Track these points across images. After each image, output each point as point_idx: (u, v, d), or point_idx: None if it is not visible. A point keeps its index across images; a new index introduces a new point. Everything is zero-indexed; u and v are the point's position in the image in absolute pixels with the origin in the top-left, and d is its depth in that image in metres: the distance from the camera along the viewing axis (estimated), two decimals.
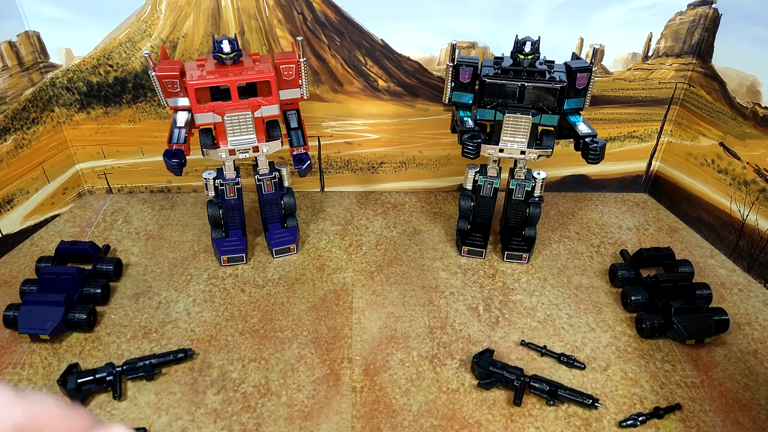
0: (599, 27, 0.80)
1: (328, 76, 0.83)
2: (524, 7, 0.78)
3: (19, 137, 0.78)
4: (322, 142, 0.89)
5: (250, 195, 0.88)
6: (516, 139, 0.68)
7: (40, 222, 0.84)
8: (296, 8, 0.78)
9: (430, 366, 0.62)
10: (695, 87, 0.84)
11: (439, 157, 0.91)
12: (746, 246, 0.77)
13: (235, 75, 0.64)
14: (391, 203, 0.91)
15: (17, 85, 0.77)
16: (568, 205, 0.92)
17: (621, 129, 0.89)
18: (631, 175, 0.95)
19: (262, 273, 0.75)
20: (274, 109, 0.67)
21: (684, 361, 0.63)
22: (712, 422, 0.56)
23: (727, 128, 0.79)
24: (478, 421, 0.56)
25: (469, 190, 0.76)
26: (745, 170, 0.76)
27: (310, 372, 0.60)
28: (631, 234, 0.85)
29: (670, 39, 0.82)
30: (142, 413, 0.56)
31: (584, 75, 0.65)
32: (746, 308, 0.71)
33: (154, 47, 0.79)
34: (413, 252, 0.79)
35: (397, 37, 0.80)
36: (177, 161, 0.64)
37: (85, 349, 0.63)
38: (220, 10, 0.77)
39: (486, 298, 0.71)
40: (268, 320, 0.67)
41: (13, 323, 0.63)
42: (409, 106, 0.86)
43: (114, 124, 0.85)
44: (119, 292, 0.71)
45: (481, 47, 0.81)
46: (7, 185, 0.77)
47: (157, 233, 0.83)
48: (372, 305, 0.70)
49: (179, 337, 0.64)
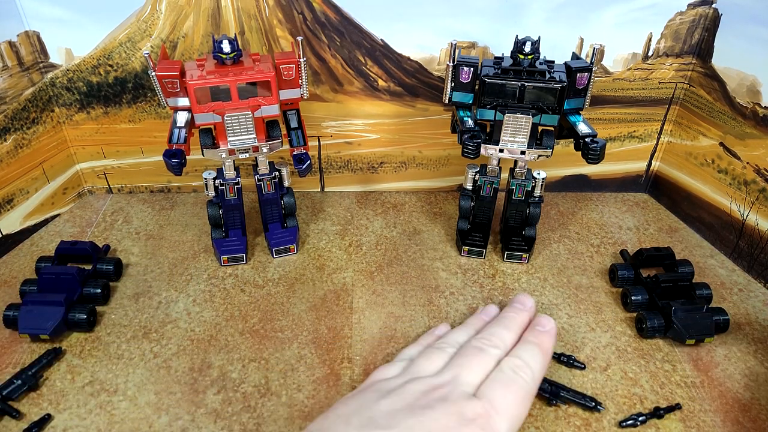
0: (599, 27, 0.80)
1: (328, 76, 0.83)
2: (524, 7, 0.78)
3: (19, 137, 0.78)
4: (322, 142, 0.89)
5: (250, 195, 0.88)
6: (516, 139, 0.68)
7: (40, 222, 0.84)
8: (296, 8, 0.78)
9: None
10: (695, 87, 0.84)
11: (439, 157, 0.91)
12: (746, 246, 0.77)
13: (235, 75, 0.64)
14: (391, 203, 0.91)
15: (17, 85, 0.77)
16: (568, 205, 0.92)
17: (621, 129, 0.89)
18: (631, 175, 0.95)
19: (262, 273, 0.75)
20: (274, 109, 0.67)
21: (684, 361, 0.63)
22: (712, 422, 0.56)
23: (727, 128, 0.79)
24: None
25: (469, 190, 0.76)
26: (745, 170, 0.76)
27: (310, 372, 0.60)
28: (631, 234, 0.85)
29: (670, 39, 0.82)
30: (142, 413, 0.56)
31: (584, 75, 0.65)
32: (746, 308, 0.71)
33: (154, 47, 0.79)
34: (413, 252, 0.79)
35: (397, 37, 0.80)
36: (177, 161, 0.64)
37: (85, 349, 0.63)
38: (220, 10, 0.77)
39: (486, 298, 0.71)
40: (268, 320, 0.67)
41: (13, 323, 0.63)
42: (409, 106, 0.86)
43: (114, 124, 0.85)
44: (119, 292, 0.71)
45: (481, 47, 0.81)
46: (7, 185, 0.77)
47: (157, 233, 0.83)
48: (372, 305, 0.70)
49: (179, 337, 0.64)
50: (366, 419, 0.44)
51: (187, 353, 0.63)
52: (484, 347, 0.53)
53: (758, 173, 0.74)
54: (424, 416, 0.44)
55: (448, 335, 0.58)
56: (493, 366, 0.51)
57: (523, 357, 0.51)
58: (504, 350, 0.53)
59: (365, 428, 0.43)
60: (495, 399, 0.46)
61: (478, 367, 0.50)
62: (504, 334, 0.55)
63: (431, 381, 0.48)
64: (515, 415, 0.47)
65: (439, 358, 0.53)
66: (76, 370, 0.60)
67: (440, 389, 0.47)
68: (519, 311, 0.59)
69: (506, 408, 0.46)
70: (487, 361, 0.51)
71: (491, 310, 0.63)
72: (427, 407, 0.45)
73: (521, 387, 0.49)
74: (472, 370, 0.50)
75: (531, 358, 0.52)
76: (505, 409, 0.46)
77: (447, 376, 0.49)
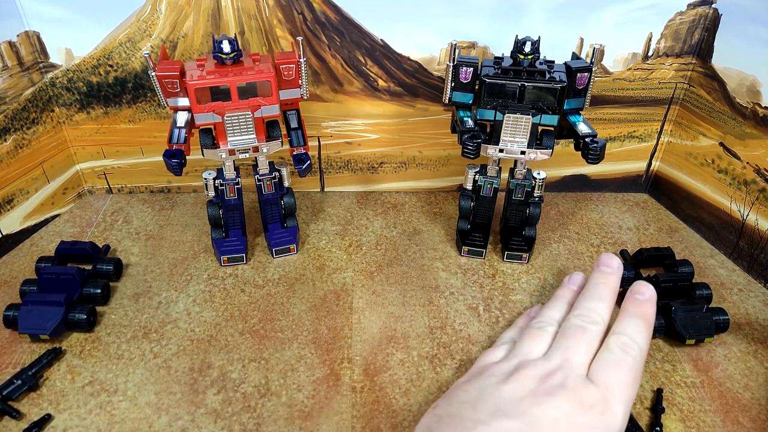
0: (599, 27, 0.80)
1: (328, 76, 0.83)
2: (524, 7, 0.78)
3: (19, 137, 0.78)
4: (322, 142, 0.89)
5: (250, 195, 0.88)
6: (516, 139, 0.68)
7: (40, 222, 0.84)
8: (296, 8, 0.78)
9: (430, 366, 0.61)
10: (695, 87, 0.84)
11: (439, 157, 0.91)
12: (746, 246, 0.77)
13: (235, 75, 0.64)
14: (391, 203, 0.91)
15: (17, 85, 0.77)
16: (568, 205, 0.92)
17: (621, 129, 0.89)
18: (631, 175, 0.95)
19: (262, 273, 0.75)
20: (274, 109, 0.67)
21: (684, 361, 0.63)
22: (712, 422, 0.56)
23: (727, 128, 0.79)
24: None
25: (469, 190, 0.76)
26: (745, 170, 0.76)
27: (310, 372, 0.60)
28: (631, 234, 0.85)
29: (670, 39, 0.82)
30: (142, 413, 0.56)
31: (584, 75, 0.65)
32: (746, 308, 0.71)
33: (154, 47, 0.79)
34: (413, 252, 0.79)
35: (397, 37, 0.80)
36: (177, 161, 0.64)
37: (85, 349, 0.63)
38: (220, 10, 0.77)
39: (486, 298, 0.71)
40: (268, 320, 0.67)
41: (13, 323, 0.63)
42: (409, 106, 0.86)
43: (114, 124, 0.85)
44: (119, 292, 0.71)
45: (481, 47, 0.81)
46: (7, 185, 0.77)
47: (157, 233, 0.83)
48: (372, 305, 0.70)
49: (179, 337, 0.64)
50: (493, 407, 0.45)
51: (187, 353, 0.63)
52: (585, 325, 0.52)
53: (758, 173, 0.74)
54: (548, 404, 0.45)
55: (543, 313, 0.58)
56: (597, 343, 0.51)
57: (628, 333, 0.51)
58: (604, 324, 0.53)
59: (495, 416, 0.44)
60: (609, 382, 0.47)
61: (585, 347, 0.50)
62: (600, 306, 0.54)
63: (544, 366, 0.49)
64: (629, 396, 0.47)
65: (542, 339, 0.53)
66: (76, 370, 0.60)
67: (556, 374, 0.47)
68: (607, 275, 0.58)
69: (621, 390, 0.47)
70: (591, 339, 0.51)
71: (578, 278, 0.62)
72: (548, 394, 0.45)
73: (631, 367, 0.49)
74: (579, 350, 0.50)
75: (636, 333, 0.51)
76: (619, 391, 0.47)
77: (557, 359, 0.49)
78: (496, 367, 0.51)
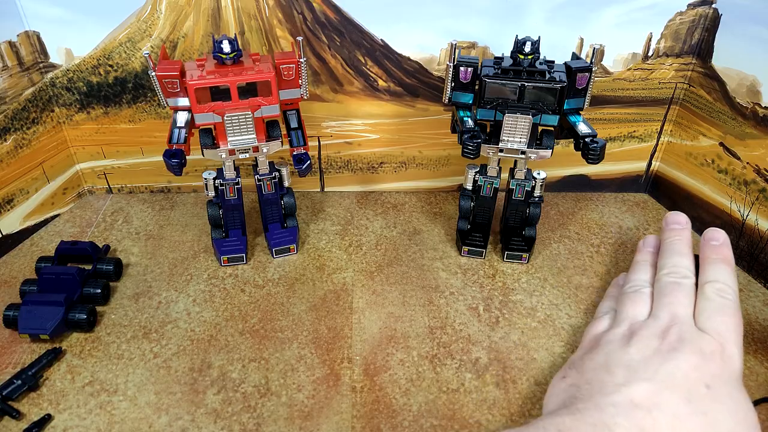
0: (599, 27, 0.80)
1: (328, 76, 0.83)
2: (524, 7, 0.78)
3: (19, 137, 0.78)
4: (322, 142, 0.89)
5: (250, 195, 0.88)
6: (516, 139, 0.68)
7: (40, 222, 0.84)
8: (296, 8, 0.78)
9: (430, 366, 0.62)
10: (695, 87, 0.84)
11: (439, 157, 0.91)
12: (746, 246, 0.77)
13: (235, 75, 0.64)
14: (391, 203, 0.91)
15: (17, 85, 0.77)
16: (568, 205, 0.92)
17: (621, 129, 0.89)
18: (631, 175, 0.95)
19: (262, 273, 0.75)
20: (274, 109, 0.67)
21: None
22: None
23: (727, 128, 0.79)
24: (478, 421, 0.56)
25: (469, 190, 0.76)
26: (745, 170, 0.76)
27: (310, 372, 0.60)
28: (631, 234, 0.85)
29: (670, 39, 0.82)
30: (142, 413, 0.56)
31: (584, 75, 0.65)
32: (746, 308, 0.71)
33: (154, 47, 0.79)
34: (413, 252, 0.79)
35: (397, 37, 0.80)
36: (177, 161, 0.64)
37: (85, 349, 0.63)
38: (220, 10, 0.77)
39: (486, 298, 0.71)
40: (268, 320, 0.67)
41: (13, 323, 0.63)
42: (409, 106, 0.86)
43: (114, 124, 0.85)
44: (119, 292, 0.71)
45: (481, 47, 0.81)
46: (7, 185, 0.77)
47: (157, 233, 0.83)
48: (372, 305, 0.70)
49: (179, 337, 0.64)
50: (625, 369, 0.46)
51: (187, 353, 0.63)
52: (677, 280, 0.55)
53: (758, 173, 0.74)
54: (676, 360, 0.46)
55: (632, 278, 0.60)
56: (693, 295, 0.53)
57: (719, 278, 0.53)
58: (693, 276, 0.55)
59: (632, 379, 0.45)
60: (719, 328, 0.48)
61: (686, 299, 0.52)
62: (684, 261, 0.57)
63: (656, 324, 0.50)
64: (740, 338, 0.49)
65: (643, 300, 0.55)
66: (76, 370, 0.60)
67: (671, 330, 0.49)
68: (680, 231, 0.61)
69: (731, 334, 0.48)
70: (688, 292, 0.53)
71: (652, 240, 0.65)
72: (673, 350, 0.47)
73: (733, 309, 0.51)
74: (683, 304, 0.52)
75: (725, 276, 0.53)
76: (730, 335, 0.48)
77: (665, 316, 0.51)
78: (610, 334, 0.52)
